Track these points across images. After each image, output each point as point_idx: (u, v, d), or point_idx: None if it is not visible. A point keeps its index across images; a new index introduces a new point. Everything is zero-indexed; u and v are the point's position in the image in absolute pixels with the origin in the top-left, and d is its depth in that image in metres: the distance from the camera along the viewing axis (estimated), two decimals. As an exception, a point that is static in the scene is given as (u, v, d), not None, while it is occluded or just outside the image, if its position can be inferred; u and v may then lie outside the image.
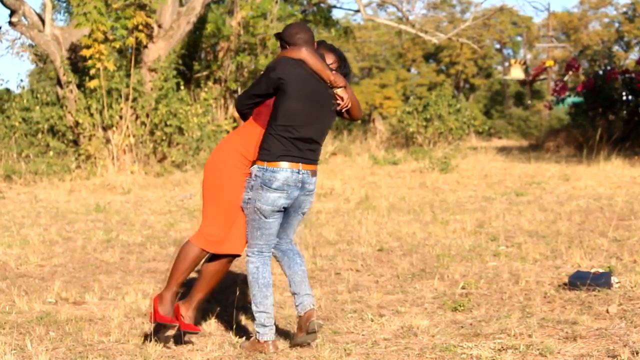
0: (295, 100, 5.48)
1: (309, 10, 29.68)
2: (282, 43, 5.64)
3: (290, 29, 5.65)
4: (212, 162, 5.64)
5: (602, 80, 25.20)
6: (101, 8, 18.79)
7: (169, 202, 14.77)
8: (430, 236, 10.30)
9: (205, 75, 25.36)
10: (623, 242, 9.42)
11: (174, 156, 20.22)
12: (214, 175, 5.61)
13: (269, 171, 5.50)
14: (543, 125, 35.05)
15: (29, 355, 5.60)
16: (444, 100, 28.91)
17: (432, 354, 5.43)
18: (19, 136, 20.57)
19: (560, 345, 5.48)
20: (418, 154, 22.86)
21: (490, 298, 7.04)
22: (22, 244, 10.29)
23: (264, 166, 5.50)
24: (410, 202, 13.79)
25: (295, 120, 5.50)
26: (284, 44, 5.64)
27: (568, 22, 66.26)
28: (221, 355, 5.59)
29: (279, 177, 5.49)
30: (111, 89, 19.75)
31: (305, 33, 5.63)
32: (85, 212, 13.56)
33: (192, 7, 21.11)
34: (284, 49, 5.64)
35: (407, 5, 30.07)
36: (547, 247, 9.25)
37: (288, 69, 5.49)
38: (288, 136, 5.50)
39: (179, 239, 10.64)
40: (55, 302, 7.32)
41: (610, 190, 14.65)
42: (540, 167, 19.67)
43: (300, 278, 5.68)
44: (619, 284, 7.21)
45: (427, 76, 61.79)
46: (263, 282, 5.62)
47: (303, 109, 5.51)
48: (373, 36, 58.91)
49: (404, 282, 7.84)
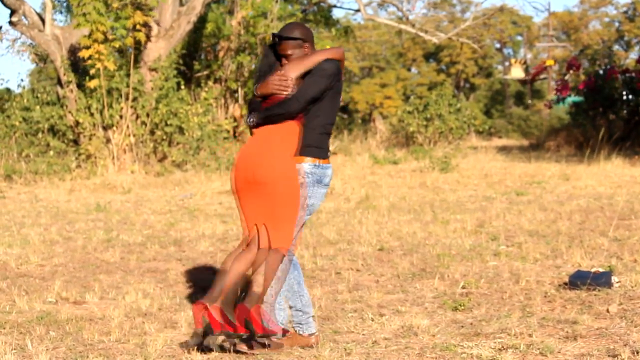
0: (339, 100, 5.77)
1: (309, 9, 29.68)
2: (303, 43, 5.67)
3: (306, 28, 5.72)
4: (292, 170, 5.57)
5: (602, 79, 25.20)
6: (100, 8, 18.78)
7: (169, 201, 14.78)
8: (430, 236, 10.30)
9: (206, 75, 25.36)
10: (623, 242, 9.42)
11: (175, 156, 20.22)
12: (296, 182, 5.58)
13: (322, 168, 5.64)
14: (543, 125, 35.03)
15: (29, 355, 5.59)
16: (444, 100, 28.90)
17: (433, 353, 5.43)
18: (19, 136, 20.58)
19: (560, 345, 5.48)
20: (418, 154, 22.86)
21: (490, 297, 7.04)
22: (23, 244, 10.29)
23: (318, 163, 5.62)
24: (410, 202, 13.79)
25: (335, 118, 5.77)
26: (305, 44, 5.68)
27: (568, 22, 66.27)
28: (221, 354, 5.58)
29: (329, 174, 5.71)
30: (111, 88, 19.75)
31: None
32: (85, 211, 13.56)
33: (193, 7, 21.11)
34: (300, 48, 5.66)
35: (408, 5, 30.09)
36: (547, 247, 9.24)
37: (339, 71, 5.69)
38: (329, 132, 5.72)
39: (179, 238, 10.65)
40: (56, 302, 7.31)
41: (610, 189, 14.65)
42: (541, 166, 19.67)
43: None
44: (619, 283, 7.21)
45: (428, 76, 61.79)
46: (300, 279, 5.78)
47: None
48: (373, 36, 58.93)
49: (404, 282, 7.84)
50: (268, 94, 5.62)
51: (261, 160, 5.56)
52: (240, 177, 5.61)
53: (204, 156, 20.41)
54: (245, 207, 5.62)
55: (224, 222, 11.98)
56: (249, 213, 5.60)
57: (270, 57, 5.75)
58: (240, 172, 5.62)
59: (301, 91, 5.56)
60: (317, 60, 5.62)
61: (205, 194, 15.59)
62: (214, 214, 12.94)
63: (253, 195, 5.57)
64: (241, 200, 5.63)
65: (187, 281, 8.08)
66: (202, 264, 9.02)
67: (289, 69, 5.63)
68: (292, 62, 5.66)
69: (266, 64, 5.74)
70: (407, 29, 28.61)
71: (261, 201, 5.55)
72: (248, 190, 5.58)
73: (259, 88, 5.65)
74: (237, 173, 5.64)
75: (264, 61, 5.75)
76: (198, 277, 8.25)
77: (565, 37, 67.60)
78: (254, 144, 5.65)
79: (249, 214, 5.61)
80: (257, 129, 5.65)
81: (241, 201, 5.64)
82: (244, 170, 5.60)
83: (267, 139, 5.61)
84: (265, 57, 5.77)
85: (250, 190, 5.57)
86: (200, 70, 25.65)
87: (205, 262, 9.08)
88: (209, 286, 7.67)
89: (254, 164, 5.57)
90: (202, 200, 14.93)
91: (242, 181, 5.60)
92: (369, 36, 58.49)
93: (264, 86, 5.62)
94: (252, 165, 5.57)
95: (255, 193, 5.55)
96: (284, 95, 5.58)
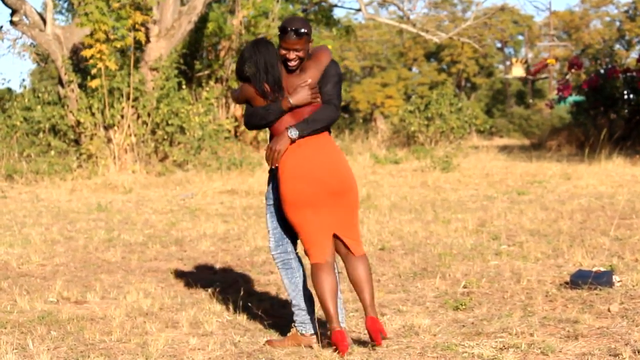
0: None
1: (310, 9, 29.70)
2: (308, 38, 5.56)
3: (308, 22, 5.65)
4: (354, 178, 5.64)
5: (603, 79, 25.19)
6: (103, 8, 18.79)
7: (171, 201, 14.78)
8: (431, 235, 10.30)
9: (207, 75, 25.37)
10: (624, 241, 9.42)
11: (176, 155, 20.22)
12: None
13: None
14: (544, 124, 34.98)
15: (30, 355, 5.60)
16: (445, 99, 28.88)
17: (434, 353, 5.43)
18: (20, 135, 20.58)
19: (561, 344, 5.48)
20: (419, 153, 22.85)
21: (491, 297, 7.04)
22: (24, 244, 10.30)
23: None
24: (411, 201, 13.79)
25: None
26: (310, 40, 5.60)
27: (569, 21, 66.27)
28: (222, 354, 5.59)
29: None
30: (113, 88, 19.75)
31: None
32: (86, 211, 13.57)
33: (194, 6, 21.12)
34: (308, 43, 5.57)
35: (409, 4, 30.05)
36: (548, 246, 9.24)
37: None
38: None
39: (181, 238, 10.65)
40: (57, 302, 7.32)
41: (611, 189, 14.64)
42: (542, 166, 19.66)
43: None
44: (620, 282, 7.20)
45: (429, 75, 61.78)
46: (305, 279, 5.83)
47: None
48: (374, 35, 58.96)
49: (405, 281, 7.84)
50: (304, 104, 5.51)
51: (343, 170, 5.53)
52: (323, 189, 5.44)
53: (205, 156, 20.42)
54: (321, 219, 5.48)
55: (225, 221, 11.98)
56: (323, 224, 5.48)
57: (272, 53, 5.52)
58: (321, 184, 5.44)
59: (336, 98, 5.53)
60: (326, 62, 5.59)
61: (207, 194, 15.59)
62: (215, 213, 12.94)
63: (333, 205, 5.48)
64: (316, 213, 5.46)
65: (188, 281, 8.08)
66: (203, 263, 9.03)
67: (310, 75, 5.52)
68: (309, 67, 5.54)
69: (268, 61, 5.50)
70: (408, 28, 28.62)
71: (340, 210, 5.50)
72: (330, 200, 5.46)
73: (292, 99, 5.46)
74: (318, 185, 5.44)
75: (265, 57, 5.50)
76: (199, 277, 8.25)
77: (566, 36, 67.60)
78: (318, 154, 5.48)
79: (322, 226, 5.48)
80: (303, 139, 5.47)
81: (316, 214, 5.46)
82: (327, 182, 5.45)
83: (328, 147, 5.54)
84: (263, 54, 5.51)
85: (332, 201, 5.47)
86: (201, 69, 25.66)
87: (206, 262, 9.09)
88: (210, 286, 7.70)
89: (339, 174, 5.50)
90: (203, 200, 14.94)
91: (326, 193, 5.44)
92: (370, 36, 58.52)
93: (299, 97, 5.47)
94: (337, 175, 5.49)
95: (338, 203, 5.48)
96: (315, 103, 5.53)
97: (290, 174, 5.44)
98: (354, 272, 5.55)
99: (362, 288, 5.53)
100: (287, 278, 5.73)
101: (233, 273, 8.49)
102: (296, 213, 5.47)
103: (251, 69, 5.51)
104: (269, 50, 5.53)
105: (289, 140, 5.45)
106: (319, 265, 5.48)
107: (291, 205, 5.47)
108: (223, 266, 8.83)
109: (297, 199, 5.44)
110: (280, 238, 5.72)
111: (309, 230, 5.48)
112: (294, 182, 5.45)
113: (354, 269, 5.55)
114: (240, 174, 18.54)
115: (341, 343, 5.35)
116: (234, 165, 19.50)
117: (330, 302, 5.42)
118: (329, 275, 5.46)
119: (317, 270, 5.47)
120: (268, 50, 5.53)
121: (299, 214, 5.46)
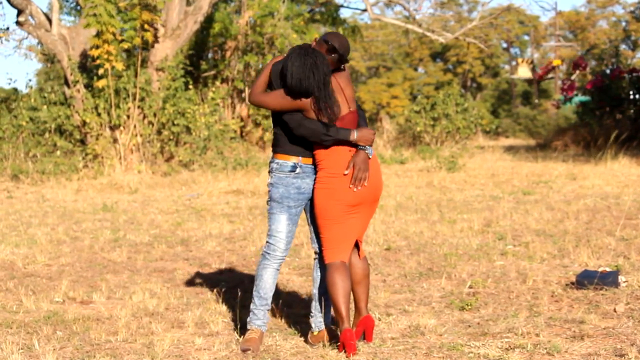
0: None
1: (316, 9, 29.71)
2: (343, 59, 5.63)
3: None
4: None
5: (609, 79, 25.17)
6: (111, 10, 18.80)
7: (176, 201, 14.79)
8: (437, 235, 10.30)
9: (213, 75, 25.40)
10: (630, 241, 9.41)
11: (181, 155, 20.23)
12: None
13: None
14: (550, 124, 34.98)
15: (36, 355, 5.60)
16: (451, 99, 28.85)
17: (440, 353, 5.43)
18: (26, 136, 20.62)
19: (567, 344, 5.47)
20: (425, 153, 22.85)
21: (497, 297, 7.04)
22: (30, 244, 10.31)
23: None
24: (417, 201, 13.78)
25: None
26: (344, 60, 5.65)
27: (575, 21, 66.18)
28: (228, 354, 5.59)
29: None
30: (119, 88, 19.77)
31: None
32: (92, 211, 13.58)
33: (199, 7, 21.13)
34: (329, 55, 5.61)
35: (414, 5, 30.10)
36: (554, 246, 9.23)
37: None
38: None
39: (186, 238, 10.66)
40: (63, 302, 7.33)
41: (617, 189, 14.63)
42: (548, 166, 19.64)
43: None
44: (626, 283, 7.20)
45: (434, 75, 61.79)
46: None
47: None
48: (380, 35, 58.95)
49: (411, 281, 7.84)
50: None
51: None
52: (369, 197, 5.54)
53: (211, 156, 20.43)
54: (353, 223, 5.55)
55: (230, 221, 11.99)
56: (353, 229, 5.56)
57: (326, 65, 5.48)
58: (368, 192, 5.53)
59: (362, 114, 5.72)
60: (347, 72, 5.75)
61: (212, 194, 15.60)
62: (221, 213, 12.95)
63: (366, 211, 5.60)
64: (351, 218, 5.53)
65: (194, 281, 8.09)
66: (209, 263, 9.03)
67: (347, 88, 5.64)
68: (341, 77, 5.64)
69: (323, 73, 5.45)
70: (414, 28, 28.61)
71: (369, 216, 5.65)
72: (367, 207, 5.58)
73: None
74: (366, 193, 5.53)
75: (321, 70, 5.44)
76: (205, 277, 8.26)
77: (572, 36, 67.50)
78: (370, 164, 5.60)
79: (351, 230, 5.55)
80: (354, 148, 5.52)
81: (351, 219, 5.53)
82: (371, 190, 5.55)
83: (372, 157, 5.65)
84: (318, 67, 5.44)
85: (368, 207, 5.59)
86: (207, 70, 25.69)
87: (212, 262, 9.09)
88: (216, 286, 7.71)
89: (379, 182, 5.62)
90: (209, 200, 14.94)
91: (370, 200, 5.56)
92: (376, 36, 58.51)
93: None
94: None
95: (371, 209, 5.63)
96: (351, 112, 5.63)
97: (347, 182, 5.48)
98: (358, 271, 5.67)
99: (362, 287, 5.67)
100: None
101: (239, 273, 8.50)
102: (336, 219, 5.51)
103: (311, 83, 5.42)
104: (325, 64, 5.49)
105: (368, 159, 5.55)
106: (336, 266, 5.51)
107: (332, 210, 5.52)
108: (229, 266, 8.84)
109: (341, 207, 5.51)
110: (292, 238, 5.76)
111: (336, 234, 5.54)
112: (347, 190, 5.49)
113: (358, 268, 5.67)
114: (246, 174, 18.55)
115: (349, 342, 5.36)
116: (239, 166, 19.52)
117: (343, 304, 5.44)
118: (344, 276, 5.50)
119: (334, 271, 5.50)
120: (324, 64, 5.49)
121: (338, 219, 5.51)
